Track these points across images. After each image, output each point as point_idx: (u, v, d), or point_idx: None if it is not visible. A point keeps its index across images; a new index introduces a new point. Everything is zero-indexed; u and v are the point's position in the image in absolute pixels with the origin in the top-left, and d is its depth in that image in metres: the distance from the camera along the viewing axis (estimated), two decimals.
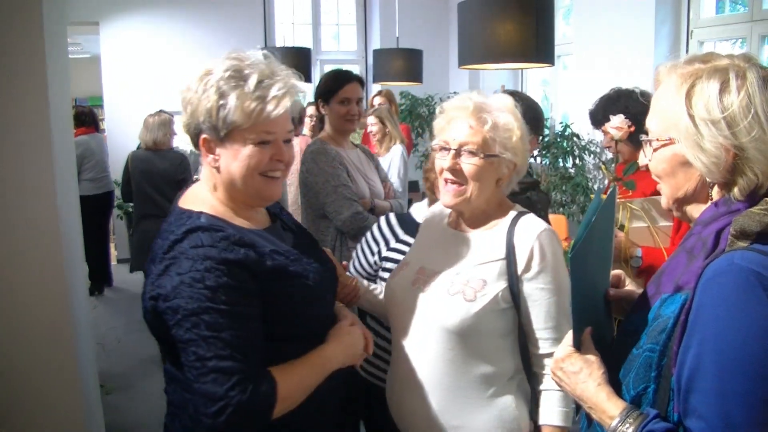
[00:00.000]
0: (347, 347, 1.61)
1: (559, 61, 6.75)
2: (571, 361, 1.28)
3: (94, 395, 3.01)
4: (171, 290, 1.38)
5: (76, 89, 12.50)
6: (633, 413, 1.16)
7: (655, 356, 1.17)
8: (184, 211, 1.51)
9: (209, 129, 1.48)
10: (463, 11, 2.83)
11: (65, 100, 2.93)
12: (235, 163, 1.50)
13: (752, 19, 4.59)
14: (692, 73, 1.19)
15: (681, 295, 1.17)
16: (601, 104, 2.92)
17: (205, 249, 1.39)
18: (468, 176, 1.72)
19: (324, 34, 8.93)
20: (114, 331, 5.64)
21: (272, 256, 1.48)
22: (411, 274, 1.85)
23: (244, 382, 1.35)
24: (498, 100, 1.79)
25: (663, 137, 1.23)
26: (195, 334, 1.35)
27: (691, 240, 1.24)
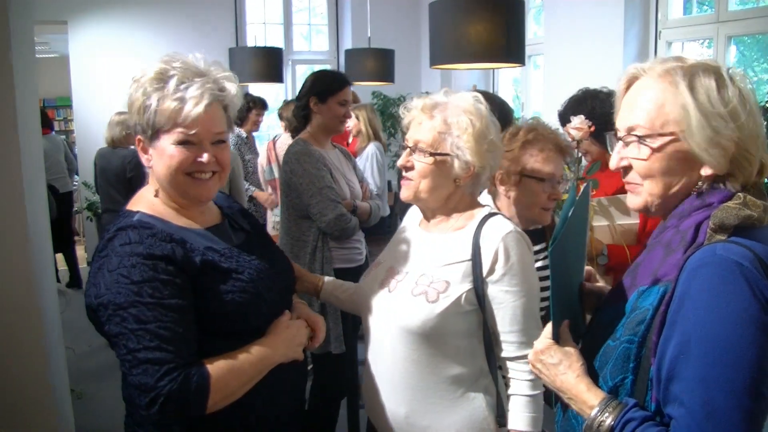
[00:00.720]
0: (285, 341, 1.62)
1: (530, 61, 6.80)
2: (550, 353, 1.29)
3: (65, 400, 2.97)
4: (102, 287, 1.43)
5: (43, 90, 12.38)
6: (612, 403, 1.18)
7: (633, 347, 1.19)
8: (125, 212, 1.58)
9: (140, 130, 1.55)
10: (434, 11, 2.84)
11: (32, 101, 2.89)
12: (160, 163, 1.56)
13: (718, 20, 4.67)
14: (684, 70, 1.21)
15: (659, 287, 1.19)
16: (569, 105, 2.95)
17: (132, 246, 1.44)
18: (417, 173, 1.75)
19: (296, 34, 8.89)
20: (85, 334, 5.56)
21: (204, 253, 1.53)
22: (381, 273, 1.86)
23: (174, 372, 1.39)
24: (459, 99, 1.78)
25: (664, 133, 1.21)
26: (124, 327, 1.40)
27: (668, 233, 1.25)
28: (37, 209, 2.75)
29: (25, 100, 2.59)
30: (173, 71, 1.53)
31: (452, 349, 1.73)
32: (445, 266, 1.74)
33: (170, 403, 1.37)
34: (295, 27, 8.84)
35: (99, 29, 7.75)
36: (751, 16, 4.51)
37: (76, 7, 7.63)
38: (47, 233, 2.96)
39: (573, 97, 2.96)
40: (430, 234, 1.84)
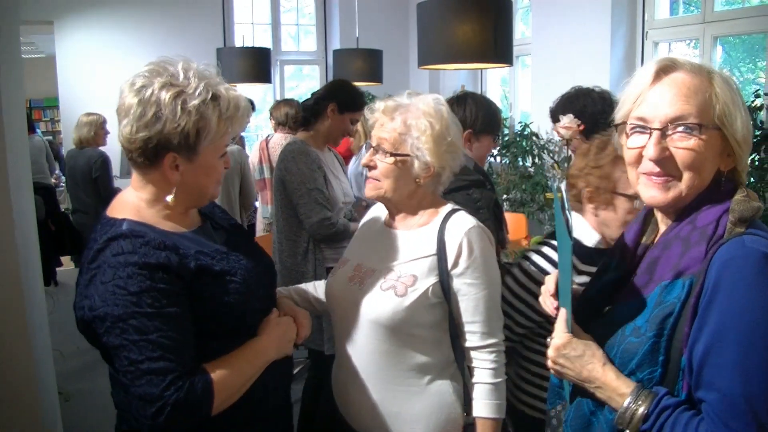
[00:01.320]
0: (276, 338, 1.64)
1: (517, 61, 6.82)
2: (572, 346, 1.31)
3: (53, 401, 2.96)
4: (97, 299, 1.40)
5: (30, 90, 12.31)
6: (644, 391, 1.21)
7: (663, 341, 1.22)
8: (109, 220, 1.52)
9: (181, 148, 1.49)
10: (422, 12, 2.85)
11: (19, 101, 2.87)
12: (199, 177, 1.55)
13: (704, 20, 4.70)
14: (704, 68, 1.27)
15: (683, 280, 1.22)
16: (561, 102, 2.96)
17: (126, 256, 1.41)
18: (379, 173, 1.83)
19: (284, 35, 8.88)
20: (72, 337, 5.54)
21: (197, 257, 1.51)
22: (349, 270, 1.92)
23: (179, 380, 1.38)
24: (421, 101, 1.85)
25: (709, 124, 1.23)
26: (124, 339, 1.38)
27: (683, 230, 1.28)
28: (24, 210, 2.73)
29: (11, 101, 2.58)
30: (220, 88, 1.53)
31: (420, 340, 1.79)
32: (412, 261, 1.81)
33: (177, 411, 1.37)
34: (283, 27, 8.83)
35: (86, 29, 7.71)
36: (737, 16, 4.55)
37: (63, 7, 7.59)
38: (34, 234, 2.95)
39: (565, 94, 2.97)
40: (396, 231, 1.91)
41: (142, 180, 1.55)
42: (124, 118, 1.48)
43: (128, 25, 7.78)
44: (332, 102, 3.22)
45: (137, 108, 1.46)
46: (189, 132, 1.47)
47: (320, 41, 8.85)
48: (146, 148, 1.47)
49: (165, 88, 1.46)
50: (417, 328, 1.78)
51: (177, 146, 1.48)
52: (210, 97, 1.49)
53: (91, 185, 5.29)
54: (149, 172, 1.53)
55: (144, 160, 1.50)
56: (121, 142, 1.50)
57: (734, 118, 1.24)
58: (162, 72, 1.49)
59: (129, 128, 1.47)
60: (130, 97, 1.47)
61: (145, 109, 1.45)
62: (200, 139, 1.49)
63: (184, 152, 1.50)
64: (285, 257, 3.18)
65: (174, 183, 1.52)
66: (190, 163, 1.52)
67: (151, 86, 1.46)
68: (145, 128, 1.46)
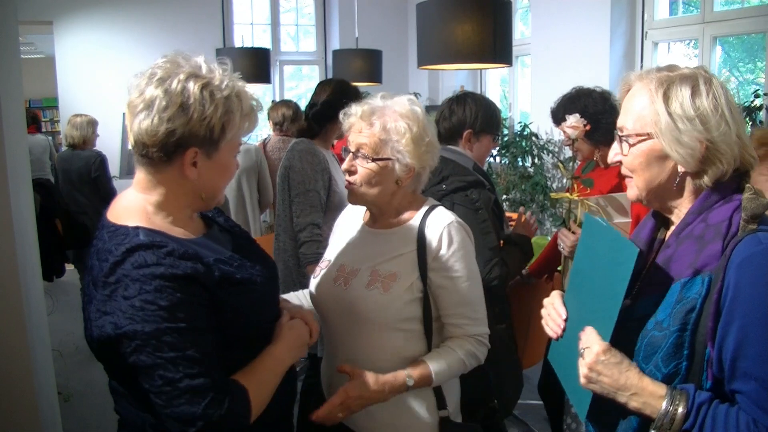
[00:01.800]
0: (292, 343, 1.61)
1: (517, 61, 6.82)
2: (612, 353, 1.32)
3: (52, 402, 2.96)
4: (122, 316, 1.31)
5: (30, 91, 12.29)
6: (676, 392, 1.26)
7: (687, 335, 1.28)
8: (118, 228, 1.41)
9: (204, 142, 1.41)
10: (421, 12, 2.85)
11: (17, 101, 2.87)
12: (215, 176, 1.48)
13: (704, 20, 4.70)
14: (665, 79, 1.37)
15: (702, 277, 1.29)
16: (562, 103, 2.96)
17: (151, 268, 1.32)
18: (360, 177, 1.83)
19: (283, 35, 8.88)
20: (71, 336, 5.54)
21: (218, 266, 1.44)
22: (332, 271, 1.95)
23: (219, 397, 1.33)
24: (396, 103, 1.85)
25: (641, 133, 1.39)
26: (159, 357, 1.30)
27: (696, 228, 1.37)
28: (23, 210, 2.73)
29: (10, 101, 2.57)
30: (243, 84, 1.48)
31: (404, 335, 1.84)
32: (394, 258, 1.85)
33: (219, 428, 1.33)
34: (282, 27, 8.83)
35: (85, 29, 7.71)
36: (737, 16, 4.55)
37: (62, 6, 7.59)
38: (33, 234, 2.94)
39: (566, 95, 2.97)
40: (377, 230, 1.94)
41: (151, 181, 1.45)
42: (143, 112, 1.38)
43: (127, 25, 7.78)
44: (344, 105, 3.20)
45: (162, 99, 1.37)
46: (214, 126, 1.40)
47: (320, 41, 8.86)
48: (167, 142, 1.38)
49: (192, 79, 1.39)
50: (402, 322, 1.82)
51: (201, 141, 1.40)
52: (235, 92, 1.44)
53: (89, 186, 5.29)
54: (164, 170, 1.43)
55: (162, 156, 1.40)
56: (137, 137, 1.39)
57: (660, 126, 1.35)
58: (183, 63, 1.42)
59: (149, 121, 1.37)
60: (151, 88, 1.38)
61: (170, 100, 1.37)
62: (224, 134, 1.42)
63: (206, 148, 1.42)
64: (288, 257, 3.17)
65: (192, 180, 1.44)
66: (209, 160, 1.44)
67: (175, 77, 1.39)
68: (169, 120, 1.36)
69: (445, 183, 2.55)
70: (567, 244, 2.66)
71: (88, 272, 1.43)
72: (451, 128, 2.73)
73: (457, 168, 2.62)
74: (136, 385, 1.36)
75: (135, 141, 1.41)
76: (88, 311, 1.40)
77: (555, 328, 1.53)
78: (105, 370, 1.49)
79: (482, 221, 2.53)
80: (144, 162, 1.44)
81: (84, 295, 1.46)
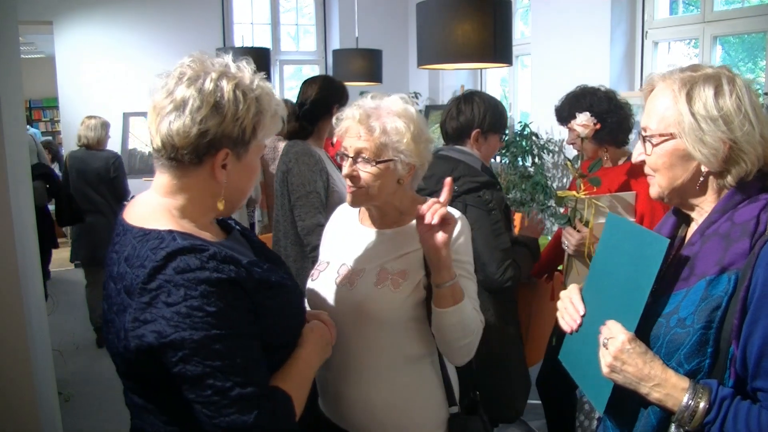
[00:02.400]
0: (318, 344, 1.60)
1: (517, 61, 6.82)
2: (638, 343, 1.34)
3: (52, 402, 2.96)
4: (165, 324, 1.24)
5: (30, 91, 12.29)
6: (699, 386, 1.28)
7: (711, 332, 1.29)
8: (148, 232, 1.34)
9: (236, 143, 1.38)
10: (422, 12, 2.84)
11: (17, 101, 2.87)
12: (243, 178, 1.45)
13: (704, 20, 4.70)
14: (688, 79, 1.39)
15: (728, 275, 1.30)
16: (567, 101, 2.95)
17: (196, 273, 1.26)
18: (364, 182, 1.82)
19: (283, 34, 8.88)
20: (71, 336, 5.54)
21: (253, 269, 1.39)
22: (333, 272, 1.94)
23: (268, 405, 1.32)
24: (389, 104, 1.85)
25: (664, 133, 1.41)
26: (208, 366, 1.25)
27: (722, 226, 1.38)
28: (23, 209, 2.73)
29: (10, 101, 2.58)
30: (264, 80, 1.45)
31: (410, 332, 1.84)
32: (402, 257, 1.85)
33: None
34: (282, 27, 8.83)
35: (85, 29, 7.71)
36: (737, 16, 4.55)
37: (62, 6, 7.58)
38: (33, 234, 2.94)
39: (571, 93, 2.97)
40: (379, 230, 1.94)
41: (176, 185, 1.39)
42: (173, 113, 1.33)
43: (127, 25, 7.78)
44: (334, 103, 3.20)
45: (195, 99, 1.33)
46: (246, 126, 1.37)
47: (320, 41, 8.85)
48: (200, 143, 1.33)
49: (224, 78, 1.36)
50: (410, 321, 1.82)
51: (233, 141, 1.37)
52: (265, 92, 1.42)
53: (106, 185, 5.41)
54: (191, 173, 1.38)
55: (193, 158, 1.35)
56: (166, 139, 1.34)
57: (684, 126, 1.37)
58: (212, 63, 1.40)
59: (181, 122, 1.32)
60: (182, 88, 1.34)
61: (204, 100, 1.33)
62: (255, 135, 1.40)
63: (237, 149, 1.38)
64: (290, 262, 3.16)
65: (222, 183, 1.39)
66: (238, 162, 1.40)
67: (207, 76, 1.35)
68: (202, 121, 1.32)
69: (456, 184, 2.53)
70: (572, 243, 2.66)
71: (116, 280, 1.36)
72: (459, 128, 2.72)
73: (468, 169, 2.61)
74: (170, 397, 1.32)
75: (163, 143, 1.35)
76: (120, 321, 1.32)
77: (571, 323, 1.54)
78: (129, 386, 1.42)
79: (495, 222, 2.52)
80: (170, 165, 1.38)
81: (110, 305, 1.37)
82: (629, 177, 2.80)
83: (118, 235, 1.41)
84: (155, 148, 1.39)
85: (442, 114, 2.81)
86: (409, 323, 1.83)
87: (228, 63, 1.41)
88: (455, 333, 1.75)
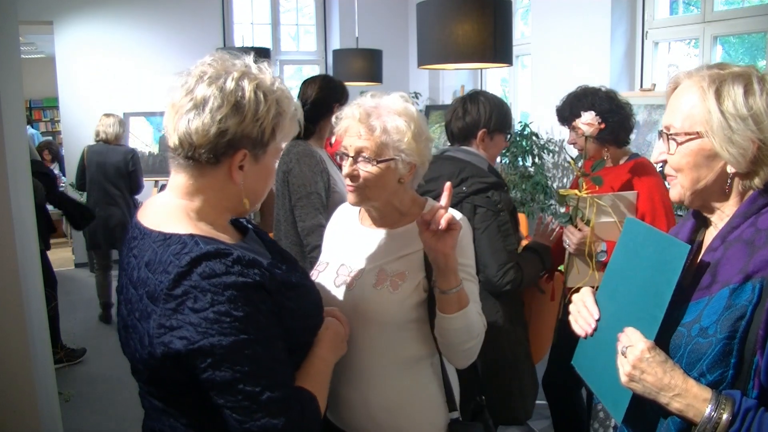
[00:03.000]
0: (333, 341, 1.60)
1: (517, 61, 6.82)
2: (657, 352, 1.30)
3: (52, 402, 2.96)
4: (191, 330, 1.24)
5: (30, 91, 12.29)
6: (722, 397, 1.23)
7: (735, 343, 1.24)
8: (169, 236, 1.33)
9: (255, 144, 1.37)
10: (422, 12, 2.84)
11: (17, 101, 2.87)
12: (262, 182, 1.45)
13: (704, 20, 4.70)
14: (717, 77, 1.35)
15: (752, 283, 1.25)
16: (568, 101, 2.95)
17: (222, 278, 1.26)
18: (364, 181, 1.80)
19: (283, 34, 8.88)
20: (72, 337, 5.54)
21: (273, 270, 1.38)
22: (332, 273, 1.93)
23: (297, 407, 1.32)
24: (389, 102, 1.84)
25: (690, 132, 1.36)
26: (238, 371, 1.25)
27: (747, 232, 1.33)
28: (23, 209, 2.73)
29: (10, 101, 2.58)
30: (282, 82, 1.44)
31: (409, 335, 1.82)
32: (401, 258, 1.84)
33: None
34: (282, 27, 8.83)
35: (85, 29, 7.71)
36: (737, 16, 4.55)
37: (62, 6, 7.58)
38: (33, 231, 2.94)
39: (572, 93, 2.97)
40: (379, 230, 1.92)
41: (193, 185, 1.39)
42: (192, 111, 1.33)
43: (128, 25, 7.78)
44: (335, 102, 3.21)
45: (216, 98, 1.32)
46: (266, 127, 1.36)
47: (320, 41, 8.86)
48: (219, 142, 1.32)
49: (245, 78, 1.35)
50: (409, 322, 1.81)
51: (252, 142, 1.36)
52: (285, 94, 1.41)
53: (123, 179, 5.82)
54: (208, 173, 1.37)
55: (211, 157, 1.34)
56: (184, 137, 1.34)
57: (712, 125, 1.33)
58: (233, 63, 1.39)
59: (200, 120, 1.32)
60: (202, 86, 1.33)
61: (225, 99, 1.32)
62: (274, 136, 1.39)
63: (256, 150, 1.38)
64: None
65: (237, 185, 1.39)
66: (256, 164, 1.40)
67: (228, 75, 1.35)
68: (222, 120, 1.32)
69: (464, 185, 2.53)
70: (573, 241, 2.66)
71: (137, 285, 1.34)
72: (465, 128, 2.71)
73: (475, 169, 2.60)
74: (193, 401, 1.33)
75: (181, 141, 1.34)
76: (143, 327, 1.30)
77: (585, 327, 1.51)
78: (149, 389, 1.41)
79: (503, 223, 2.52)
80: (188, 165, 1.37)
81: (131, 310, 1.36)
82: (632, 176, 2.81)
83: (135, 238, 1.40)
84: (172, 147, 1.38)
85: (447, 114, 2.80)
86: (408, 324, 1.81)
87: (249, 64, 1.40)
88: (460, 337, 1.74)
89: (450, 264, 1.66)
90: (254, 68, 1.40)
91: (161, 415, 1.42)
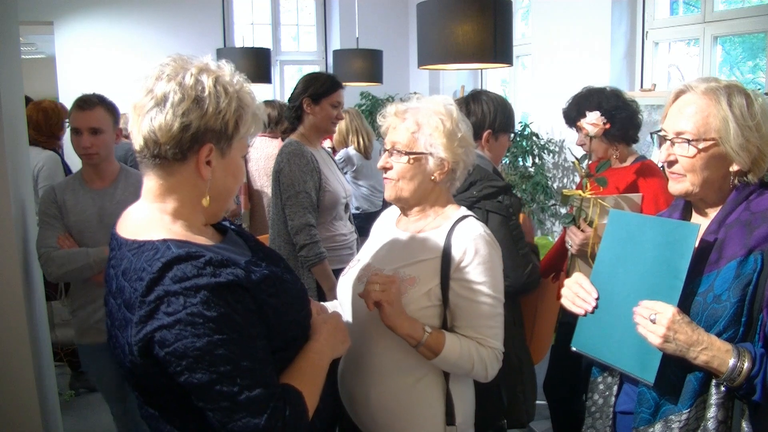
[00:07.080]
0: (330, 337, 1.59)
1: (517, 61, 6.81)
2: (683, 315, 1.52)
3: (52, 402, 2.95)
4: (167, 334, 1.23)
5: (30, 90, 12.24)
6: (739, 347, 1.49)
7: (745, 305, 1.51)
8: (143, 244, 1.34)
9: (219, 138, 1.37)
10: (422, 12, 2.84)
11: (17, 101, 2.87)
12: (231, 178, 1.45)
13: (704, 20, 4.70)
14: (724, 89, 1.59)
15: (755, 255, 1.52)
16: (574, 102, 2.94)
17: (192, 280, 1.25)
18: (396, 173, 1.86)
19: (284, 35, 8.88)
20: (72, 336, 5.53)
21: (251, 268, 1.38)
22: (357, 270, 1.97)
23: (279, 405, 1.31)
24: (430, 102, 1.88)
25: (708, 138, 1.59)
26: (213, 372, 1.24)
27: (743, 215, 1.59)
28: (24, 210, 2.73)
29: (10, 101, 2.58)
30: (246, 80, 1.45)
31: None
32: (417, 263, 1.85)
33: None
34: (283, 27, 8.83)
35: (85, 29, 7.70)
36: (737, 16, 4.55)
37: (62, 7, 7.58)
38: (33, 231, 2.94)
39: (578, 94, 2.96)
40: (406, 233, 1.95)
41: (163, 186, 1.39)
42: (153, 109, 1.33)
43: (128, 25, 7.77)
44: (305, 97, 3.25)
45: (176, 93, 1.33)
46: (229, 120, 1.36)
47: (320, 41, 8.85)
48: (183, 137, 1.33)
49: (204, 73, 1.36)
50: None
51: (216, 135, 1.36)
52: (245, 88, 1.41)
53: None
54: (177, 171, 1.38)
55: (176, 153, 1.35)
56: (148, 135, 1.34)
57: (728, 133, 1.56)
58: (191, 61, 1.40)
59: (163, 117, 1.32)
60: (162, 84, 1.34)
61: (185, 93, 1.33)
62: (237, 130, 1.39)
63: (221, 144, 1.38)
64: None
65: (206, 181, 1.39)
66: (222, 159, 1.40)
67: (187, 71, 1.35)
68: (184, 114, 1.32)
69: (474, 189, 2.50)
70: (576, 242, 2.65)
71: (115, 295, 1.36)
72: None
73: (483, 172, 2.58)
74: (182, 405, 1.33)
75: (145, 141, 1.35)
76: (123, 336, 1.31)
77: (584, 305, 1.70)
78: (142, 398, 1.42)
79: (515, 228, 2.50)
80: (155, 164, 1.38)
81: (113, 321, 1.38)
82: (638, 177, 2.80)
83: (113, 249, 1.41)
84: (138, 149, 1.39)
85: None
86: None
87: (207, 61, 1.41)
88: (452, 371, 1.83)
89: (399, 332, 1.73)
90: (213, 65, 1.40)
91: (158, 423, 1.43)
